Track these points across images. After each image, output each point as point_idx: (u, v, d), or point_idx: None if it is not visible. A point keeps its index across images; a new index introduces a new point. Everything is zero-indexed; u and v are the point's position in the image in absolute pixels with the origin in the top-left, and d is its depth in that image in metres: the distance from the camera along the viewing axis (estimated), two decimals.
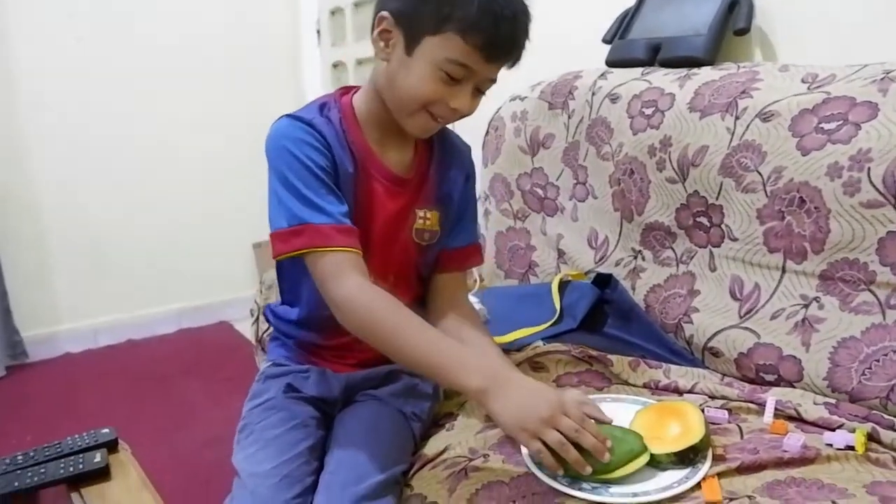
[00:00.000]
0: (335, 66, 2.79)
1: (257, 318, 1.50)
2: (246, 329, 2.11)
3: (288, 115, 0.91)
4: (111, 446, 0.96)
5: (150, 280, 2.66)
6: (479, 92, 0.88)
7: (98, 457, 0.91)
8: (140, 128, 2.56)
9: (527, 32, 0.86)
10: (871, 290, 0.94)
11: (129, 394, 2.19)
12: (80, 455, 0.92)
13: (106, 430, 0.99)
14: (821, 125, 0.99)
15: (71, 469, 0.89)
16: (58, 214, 2.46)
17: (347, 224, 0.87)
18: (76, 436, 0.97)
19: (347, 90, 0.98)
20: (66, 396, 2.18)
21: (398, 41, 0.85)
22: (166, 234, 2.67)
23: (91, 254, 2.54)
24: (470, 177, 1.06)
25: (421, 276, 1.03)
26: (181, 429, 1.94)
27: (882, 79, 0.98)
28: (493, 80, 0.88)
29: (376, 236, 0.94)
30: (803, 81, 1.07)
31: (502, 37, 0.82)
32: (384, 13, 0.86)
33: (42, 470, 0.89)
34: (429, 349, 0.81)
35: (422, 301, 1.05)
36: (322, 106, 0.93)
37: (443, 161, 1.01)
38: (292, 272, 0.99)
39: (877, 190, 0.92)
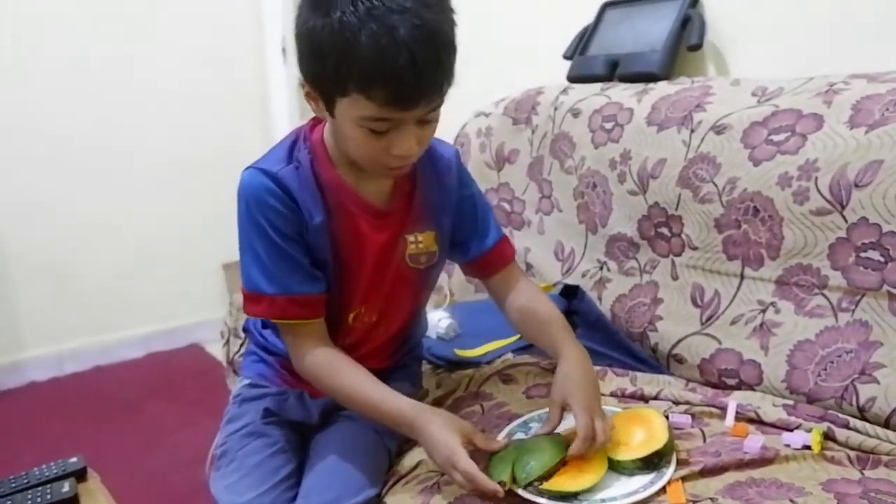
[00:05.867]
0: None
1: (228, 340, 1.49)
2: (217, 351, 2.09)
3: (255, 167, 0.88)
4: (80, 475, 0.94)
5: (116, 304, 2.62)
6: (425, 123, 0.81)
7: (66, 486, 0.89)
8: (104, 148, 2.52)
9: (438, 67, 0.75)
10: (823, 294, 0.98)
11: (98, 421, 2.14)
12: (48, 486, 0.90)
13: (74, 459, 0.97)
14: (770, 137, 1.04)
15: (38, 500, 0.87)
16: (19, 238, 2.41)
17: (304, 294, 0.88)
18: (43, 466, 0.96)
19: (319, 120, 0.93)
20: (32, 426, 2.13)
21: (321, 103, 0.83)
22: (133, 256, 2.63)
23: (55, 278, 2.49)
24: (463, 180, 1.01)
25: (418, 296, 1.04)
26: (152, 454, 1.91)
27: (826, 91, 1.02)
28: (435, 109, 0.80)
29: (368, 268, 0.94)
30: (753, 95, 1.12)
31: (408, 86, 0.74)
32: (300, 77, 0.83)
33: (8, 502, 0.87)
34: (364, 406, 0.88)
35: (417, 317, 1.08)
36: (292, 146, 0.90)
37: (427, 177, 0.96)
38: None
39: (824, 198, 0.96)
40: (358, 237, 0.91)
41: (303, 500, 0.87)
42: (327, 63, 0.76)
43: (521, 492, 0.77)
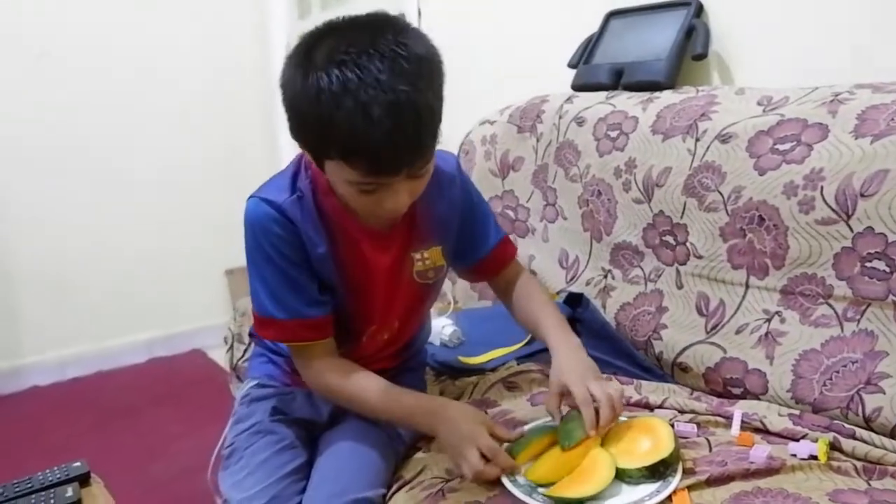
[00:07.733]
0: None
1: (231, 346, 1.49)
2: (219, 357, 2.10)
3: (258, 197, 0.89)
4: (83, 480, 0.94)
5: (119, 309, 2.62)
6: (416, 177, 0.81)
7: (70, 491, 0.89)
8: (106, 154, 2.54)
9: (415, 139, 0.75)
10: (828, 304, 0.98)
11: (100, 426, 2.14)
12: (52, 490, 0.90)
13: (77, 464, 0.97)
14: (776, 146, 1.04)
15: None
16: (22, 242, 2.41)
17: (311, 316, 0.91)
18: (47, 470, 0.95)
19: None
20: (35, 431, 2.13)
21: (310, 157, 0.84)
22: (135, 262, 2.64)
23: (57, 283, 2.49)
24: (464, 188, 1.01)
25: (427, 306, 1.08)
26: (154, 459, 1.91)
27: (831, 101, 1.02)
28: (423, 167, 0.80)
29: (379, 290, 0.96)
30: (758, 104, 1.12)
31: (386, 158, 0.75)
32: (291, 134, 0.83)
33: None
34: (379, 406, 0.92)
35: (425, 324, 1.13)
36: (294, 176, 0.91)
37: (430, 194, 0.91)
38: None
39: (830, 208, 0.96)
40: (363, 261, 0.93)
41: (312, 492, 0.88)
42: (308, 130, 0.79)
43: (526, 499, 0.77)
